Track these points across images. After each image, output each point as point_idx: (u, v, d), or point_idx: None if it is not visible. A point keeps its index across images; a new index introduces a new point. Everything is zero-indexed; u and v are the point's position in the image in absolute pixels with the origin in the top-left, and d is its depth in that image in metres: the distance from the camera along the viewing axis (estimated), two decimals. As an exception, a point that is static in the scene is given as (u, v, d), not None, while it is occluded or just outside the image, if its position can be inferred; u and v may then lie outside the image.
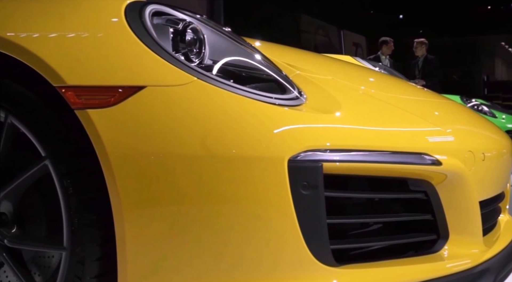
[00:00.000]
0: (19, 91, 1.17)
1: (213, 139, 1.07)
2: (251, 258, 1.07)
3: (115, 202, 1.08)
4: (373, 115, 1.27)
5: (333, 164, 1.09)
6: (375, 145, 1.16)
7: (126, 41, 1.14)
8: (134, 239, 1.08)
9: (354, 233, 1.23)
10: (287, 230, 1.05)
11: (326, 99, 1.24)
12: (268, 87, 1.20)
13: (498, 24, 13.57)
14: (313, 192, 1.06)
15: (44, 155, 1.15)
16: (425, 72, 6.48)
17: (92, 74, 1.12)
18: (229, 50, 1.25)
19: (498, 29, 14.19)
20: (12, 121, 1.18)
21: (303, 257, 1.05)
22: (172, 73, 1.11)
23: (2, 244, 1.20)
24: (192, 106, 1.09)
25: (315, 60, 1.77)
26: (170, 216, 1.08)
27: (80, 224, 1.11)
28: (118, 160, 1.08)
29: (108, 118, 1.09)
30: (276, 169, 1.06)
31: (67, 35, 1.17)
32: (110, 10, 1.20)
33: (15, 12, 1.26)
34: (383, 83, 1.71)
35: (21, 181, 1.19)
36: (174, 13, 1.23)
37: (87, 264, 1.11)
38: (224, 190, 1.07)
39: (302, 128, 1.12)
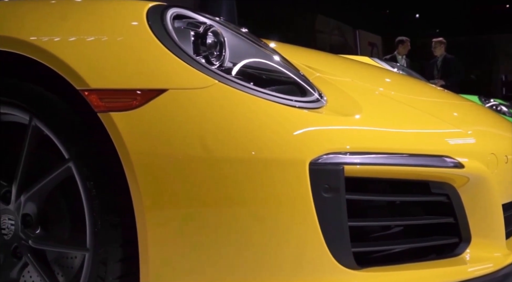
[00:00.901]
0: (43, 94, 1.18)
1: (234, 141, 1.08)
2: (271, 261, 1.07)
3: (137, 203, 1.09)
4: (394, 117, 1.27)
5: (354, 167, 1.09)
6: (396, 148, 1.15)
7: (148, 45, 1.15)
8: (156, 240, 1.09)
9: (374, 236, 1.23)
10: (308, 233, 1.05)
11: (346, 102, 1.24)
12: (288, 90, 1.20)
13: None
14: (335, 195, 1.06)
15: (68, 158, 1.16)
16: (444, 72, 6.40)
17: (115, 77, 1.13)
18: (249, 52, 1.26)
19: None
20: (36, 124, 1.20)
21: (325, 260, 1.05)
22: (194, 76, 1.12)
23: (26, 244, 1.22)
24: (213, 109, 1.10)
25: (333, 61, 1.77)
26: (191, 217, 1.09)
27: (103, 225, 1.12)
28: (140, 162, 1.09)
29: (131, 121, 1.10)
30: (297, 172, 1.06)
31: (90, 39, 1.18)
32: (132, 14, 1.21)
33: (38, 17, 1.28)
34: (403, 84, 1.70)
35: (45, 183, 1.20)
36: (195, 16, 1.24)
37: (110, 265, 1.12)
38: (245, 193, 1.07)
39: (323, 131, 1.12)
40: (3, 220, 1.25)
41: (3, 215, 1.25)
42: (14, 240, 1.24)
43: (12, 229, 1.24)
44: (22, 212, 1.23)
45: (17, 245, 1.24)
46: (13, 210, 1.24)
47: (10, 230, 1.24)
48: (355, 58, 2.21)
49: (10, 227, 1.24)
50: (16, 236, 1.23)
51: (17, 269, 1.25)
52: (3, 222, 1.25)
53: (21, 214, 1.23)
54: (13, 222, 1.24)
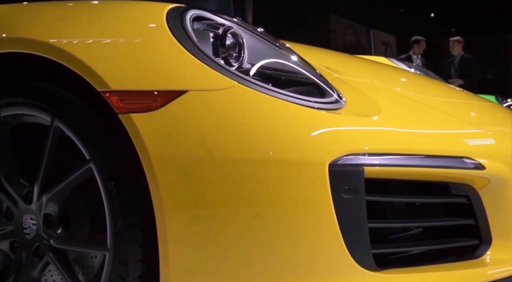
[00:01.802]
0: (65, 96, 1.20)
1: (254, 143, 1.08)
2: (290, 261, 1.08)
3: (157, 204, 1.10)
4: (413, 118, 1.26)
5: (374, 168, 1.08)
6: (416, 149, 1.15)
7: (168, 46, 1.16)
8: (176, 240, 1.10)
9: (393, 237, 1.23)
10: (328, 234, 1.05)
11: (365, 103, 1.24)
12: (307, 91, 1.20)
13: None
14: (354, 196, 1.05)
15: (89, 158, 1.18)
16: (462, 71, 6.33)
17: (135, 79, 1.14)
18: (268, 53, 1.26)
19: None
20: (57, 125, 1.22)
21: (344, 262, 1.05)
22: (213, 77, 1.12)
23: (48, 244, 1.24)
24: (233, 110, 1.11)
25: (351, 62, 1.77)
26: (210, 217, 1.09)
27: (123, 225, 1.13)
28: (160, 163, 1.10)
29: (151, 122, 1.11)
30: (316, 173, 1.06)
31: (110, 41, 1.19)
32: (152, 16, 1.22)
33: (60, 19, 1.30)
34: (421, 85, 1.69)
35: (67, 183, 1.22)
36: (214, 18, 1.25)
37: (130, 265, 1.14)
38: (265, 194, 1.07)
39: (342, 132, 1.12)
40: (25, 219, 1.27)
41: (25, 214, 1.27)
42: (36, 239, 1.26)
43: (34, 229, 1.26)
44: (43, 212, 1.25)
45: (38, 245, 1.26)
46: (35, 210, 1.25)
47: (32, 230, 1.26)
48: (372, 59, 2.20)
49: (32, 226, 1.26)
50: (38, 236, 1.25)
51: (38, 268, 1.27)
52: (25, 222, 1.27)
53: (43, 214, 1.25)
54: (35, 221, 1.26)
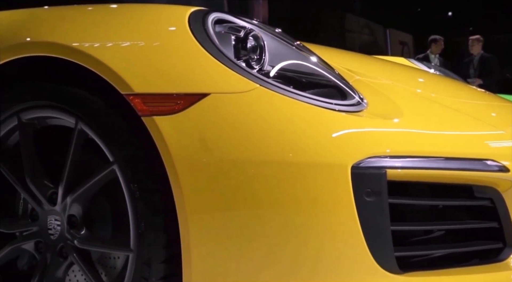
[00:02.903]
0: (89, 99, 1.22)
1: (276, 145, 1.09)
2: (312, 263, 1.08)
3: (180, 206, 1.11)
4: (435, 120, 1.26)
5: (396, 171, 1.08)
6: (439, 151, 1.14)
7: (190, 49, 1.17)
8: (198, 242, 1.11)
9: (415, 240, 1.22)
10: (350, 236, 1.05)
11: (387, 105, 1.23)
12: (328, 93, 1.20)
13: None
14: (377, 199, 1.05)
15: (112, 160, 1.19)
16: (481, 71, 6.23)
17: (158, 82, 1.15)
18: (289, 55, 1.26)
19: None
20: (81, 127, 1.23)
21: (367, 264, 1.05)
22: (235, 80, 1.13)
23: (72, 244, 1.26)
24: (255, 112, 1.11)
25: (371, 63, 1.76)
26: (232, 219, 1.10)
27: (146, 227, 1.15)
28: (183, 165, 1.11)
29: (174, 124, 1.12)
30: (339, 175, 1.06)
31: (133, 44, 1.21)
32: (174, 19, 1.23)
33: (83, 23, 1.31)
34: (442, 86, 1.67)
35: (90, 185, 1.23)
36: (236, 21, 1.26)
37: (153, 266, 1.15)
38: (286, 196, 1.08)
39: (364, 135, 1.12)
40: (49, 220, 1.29)
41: (50, 215, 1.29)
42: (60, 240, 1.27)
43: (58, 230, 1.28)
44: (68, 213, 1.26)
45: (63, 245, 1.28)
46: (59, 211, 1.27)
47: (56, 231, 1.28)
48: (391, 59, 2.19)
49: (57, 227, 1.28)
50: (62, 237, 1.27)
51: (63, 269, 1.29)
52: (49, 223, 1.29)
53: (67, 215, 1.27)
54: (59, 222, 1.27)
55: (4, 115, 1.32)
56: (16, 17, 1.45)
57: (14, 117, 1.31)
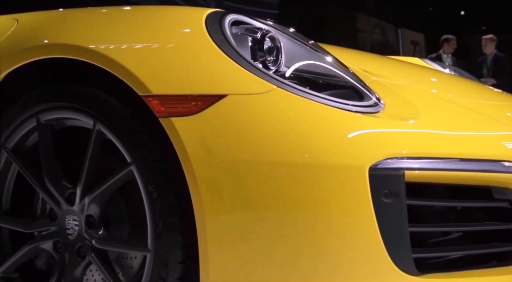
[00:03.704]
0: (107, 100, 1.23)
1: (293, 146, 1.09)
2: (330, 265, 1.08)
3: (198, 206, 1.12)
4: (453, 121, 1.25)
5: (414, 172, 1.08)
6: (456, 152, 1.14)
7: (208, 51, 1.17)
8: (216, 243, 1.11)
9: (432, 242, 1.21)
10: (368, 238, 1.05)
11: (404, 106, 1.23)
12: (345, 94, 1.20)
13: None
14: (395, 200, 1.05)
15: (130, 161, 1.20)
16: (494, 70, 6.18)
17: (176, 83, 1.16)
18: (305, 56, 1.27)
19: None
20: (99, 128, 1.24)
21: (385, 265, 1.05)
22: (253, 81, 1.13)
23: (90, 244, 1.27)
24: (272, 113, 1.11)
25: (387, 64, 1.75)
26: (250, 221, 1.10)
27: (164, 228, 1.15)
28: (200, 166, 1.11)
29: (191, 125, 1.12)
30: (356, 176, 1.06)
31: (151, 46, 1.21)
32: (191, 21, 1.24)
33: (101, 25, 1.33)
34: (458, 86, 1.67)
35: (108, 186, 1.24)
36: (252, 22, 1.26)
37: (171, 266, 1.15)
38: (303, 197, 1.08)
39: (381, 136, 1.12)
40: (67, 220, 1.30)
41: (68, 215, 1.30)
42: (78, 240, 1.29)
43: (76, 230, 1.29)
44: (86, 213, 1.28)
45: (81, 245, 1.29)
46: (77, 211, 1.28)
47: (74, 230, 1.29)
48: (405, 60, 2.18)
49: (75, 227, 1.29)
50: (80, 236, 1.28)
51: (80, 268, 1.30)
52: (67, 223, 1.30)
53: (85, 215, 1.28)
54: (77, 222, 1.29)
55: (23, 116, 1.33)
56: (34, 19, 1.47)
57: (33, 118, 1.32)
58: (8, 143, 1.36)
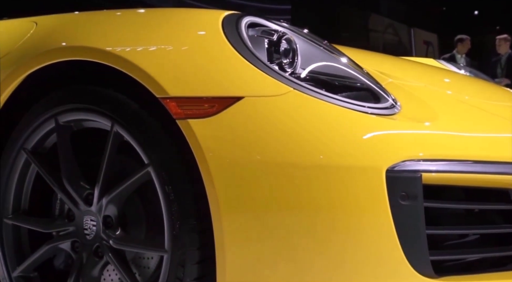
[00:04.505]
0: (125, 102, 1.24)
1: (310, 148, 1.09)
2: (345, 267, 1.08)
3: (214, 208, 1.12)
4: (470, 123, 1.25)
5: (431, 174, 1.07)
6: (474, 154, 1.13)
7: (224, 53, 1.18)
8: (232, 244, 1.12)
9: (449, 244, 1.21)
10: (385, 240, 1.05)
11: (421, 108, 1.23)
12: (361, 96, 1.20)
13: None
14: (412, 203, 1.05)
15: (147, 163, 1.21)
16: (509, 70, 6.12)
17: (193, 85, 1.17)
18: (321, 58, 1.27)
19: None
20: (117, 130, 1.26)
21: (402, 268, 1.05)
22: (269, 84, 1.14)
23: (107, 245, 1.28)
24: (288, 116, 1.12)
25: (403, 66, 1.75)
26: (267, 222, 1.11)
27: (181, 228, 1.16)
28: (217, 168, 1.12)
29: (208, 127, 1.13)
30: (373, 179, 1.06)
31: (168, 48, 1.23)
32: (208, 23, 1.24)
33: (119, 27, 1.34)
34: (474, 88, 1.66)
35: (125, 187, 1.26)
36: (268, 24, 1.27)
37: (188, 267, 1.16)
38: (320, 198, 1.08)
39: (398, 138, 1.12)
40: (85, 221, 1.32)
41: (86, 216, 1.32)
42: (96, 240, 1.30)
43: (94, 230, 1.30)
44: (103, 213, 1.29)
45: (98, 245, 1.30)
46: (95, 212, 1.30)
47: (92, 231, 1.31)
48: (420, 61, 2.17)
49: (92, 227, 1.31)
50: (98, 237, 1.30)
51: (98, 268, 1.31)
52: (85, 223, 1.32)
53: (103, 216, 1.29)
54: (95, 223, 1.30)
55: (42, 118, 1.35)
56: (52, 22, 1.48)
57: (52, 120, 1.34)
58: (27, 144, 1.38)
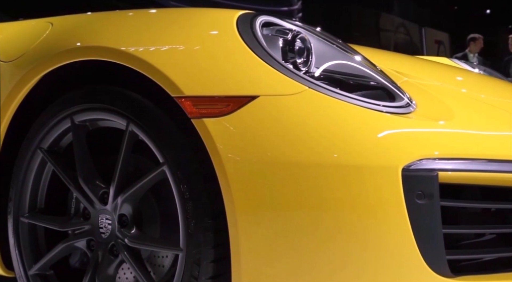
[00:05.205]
0: (140, 101, 1.25)
1: (325, 147, 1.09)
2: (362, 265, 1.08)
3: (229, 206, 1.13)
4: (487, 122, 1.24)
5: (448, 173, 1.07)
6: (491, 153, 1.13)
7: (239, 52, 1.18)
8: (247, 242, 1.12)
9: (465, 243, 1.20)
10: (401, 239, 1.05)
11: (437, 106, 1.22)
12: (376, 95, 1.20)
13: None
14: (429, 202, 1.04)
15: (162, 161, 1.22)
16: None
17: (208, 84, 1.17)
18: (336, 57, 1.27)
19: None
20: (132, 129, 1.26)
21: (418, 267, 1.04)
22: (284, 83, 1.14)
23: (123, 243, 1.29)
24: (304, 114, 1.12)
25: (418, 64, 1.74)
26: (282, 221, 1.11)
27: (196, 227, 1.17)
28: (232, 167, 1.12)
29: (223, 126, 1.13)
30: (389, 177, 1.06)
31: (183, 47, 1.23)
32: (222, 23, 1.25)
33: (134, 27, 1.35)
34: (490, 86, 1.64)
35: (141, 186, 1.26)
36: (282, 23, 1.27)
37: (203, 265, 1.17)
38: (335, 198, 1.08)
39: (414, 136, 1.11)
40: (100, 219, 1.33)
41: (101, 215, 1.32)
42: (111, 238, 1.31)
43: (109, 229, 1.31)
44: (118, 212, 1.30)
45: (114, 244, 1.31)
46: (110, 211, 1.31)
47: (107, 229, 1.31)
48: (434, 60, 2.16)
49: (108, 226, 1.31)
50: (113, 235, 1.30)
51: (113, 266, 1.32)
52: (101, 222, 1.32)
53: (118, 214, 1.30)
54: (110, 221, 1.31)
55: (57, 117, 1.36)
56: (68, 23, 1.50)
57: (68, 119, 1.35)
58: (43, 143, 1.39)
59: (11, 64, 1.44)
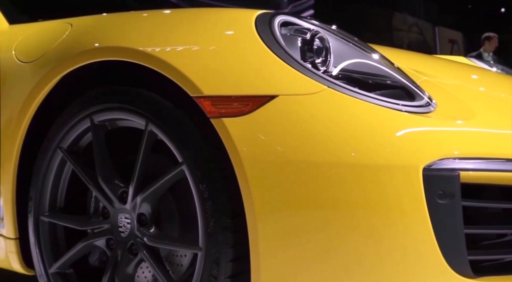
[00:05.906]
0: (159, 101, 1.25)
1: (344, 146, 1.09)
2: (382, 267, 1.07)
3: (248, 206, 1.13)
4: (508, 121, 1.22)
5: (469, 173, 1.06)
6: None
7: (258, 52, 1.18)
8: (267, 242, 1.12)
9: (486, 244, 1.19)
10: (422, 239, 1.04)
11: (458, 106, 1.21)
12: (396, 94, 1.19)
13: None
14: (450, 202, 1.04)
15: (181, 161, 1.22)
16: None
17: (227, 84, 1.17)
18: (354, 56, 1.26)
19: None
20: (151, 129, 1.27)
21: (439, 268, 1.04)
22: (303, 82, 1.14)
23: (142, 242, 1.30)
24: (323, 114, 1.11)
25: (436, 63, 1.73)
26: (301, 221, 1.11)
27: (215, 226, 1.17)
28: (252, 166, 1.12)
29: (242, 126, 1.14)
30: (410, 177, 1.05)
31: (202, 47, 1.23)
32: (241, 22, 1.25)
33: (152, 27, 1.35)
34: (510, 85, 1.63)
35: (160, 185, 1.27)
36: (301, 23, 1.26)
37: (222, 265, 1.17)
38: (355, 197, 1.08)
39: (435, 136, 1.10)
40: (120, 218, 1.33)
41: (120, 214, 1.33)
42: (131, 237, 1.32)
43: (128, 228, 1.32)
44: (137, 211, 1.31)
45: (133, 243, 1.32)
46: (129, 210, 1.32)
47: (126, 228, 1.32)
48: (452, 59, 2.14)
49: (127, 225, 1.32)
50: (132, 234, 1.31)
51: (132, 265, 1.33)
52: (120, 221, 1.33)
53: (137, 214, 1.31)
54: (129, 220, 1.32)
55: (77, 117, 1.38)
56: (87, 23, 1.51)
57: (87, 119, 1.36)
58: (63, 143, 1.41)
59: (31, 65, 1.46)
